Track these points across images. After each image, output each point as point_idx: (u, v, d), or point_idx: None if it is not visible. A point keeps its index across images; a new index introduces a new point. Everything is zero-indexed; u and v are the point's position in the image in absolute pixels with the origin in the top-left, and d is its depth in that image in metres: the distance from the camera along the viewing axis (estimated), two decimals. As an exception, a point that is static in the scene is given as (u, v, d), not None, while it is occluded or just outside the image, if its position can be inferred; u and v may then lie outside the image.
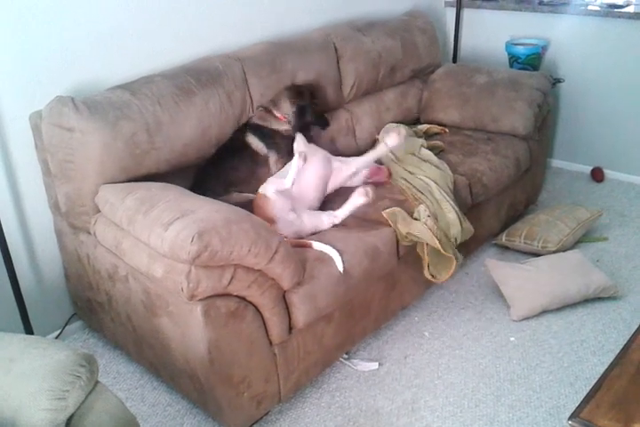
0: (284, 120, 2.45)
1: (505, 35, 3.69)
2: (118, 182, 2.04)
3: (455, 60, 3.95)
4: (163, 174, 2.17)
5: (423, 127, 3.04)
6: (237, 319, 1.80)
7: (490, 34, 3.78)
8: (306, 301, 1.92)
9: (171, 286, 1.75)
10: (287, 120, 2.45)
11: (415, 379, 2.22)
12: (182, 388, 2.05)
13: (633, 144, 3.51)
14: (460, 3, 3.79)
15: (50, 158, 2.07)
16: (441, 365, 2.28)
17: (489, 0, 3.76)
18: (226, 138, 2.38)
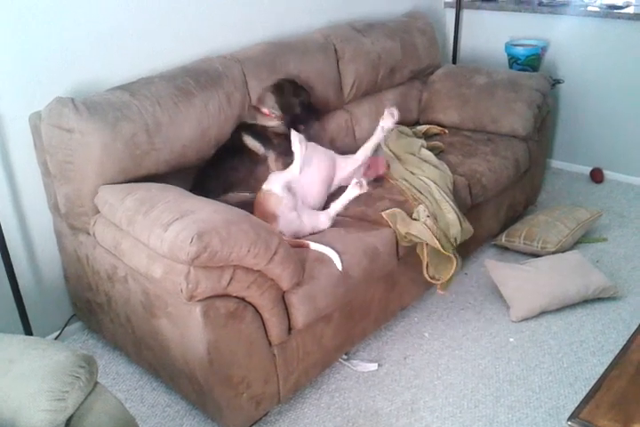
0: (272, 116, 2.44)
1: (504, 36, 3.69)
2: (118, 183, 2.04)
3: (455, 61, 3.95)
4: (162, 175, 2.17)
5: (423, 128, 3.04)
6: (237, 320, 1.80)
7: (489, 35, 3.78)
8: (305, 301, 1.92)
9: (170, 287, 1.75)
10: (275, 116, 2.44)
11: (415, 380, 2.22)
12: (181, 389, 2.05)
13: (632, 145, 3.51)
14: (460, 4, 3.79)
15: (49, 159, 2.07)
16: (440, 365, 2.28)
17: (488, 1, 3.77)
18: (225, 139, 2.38)
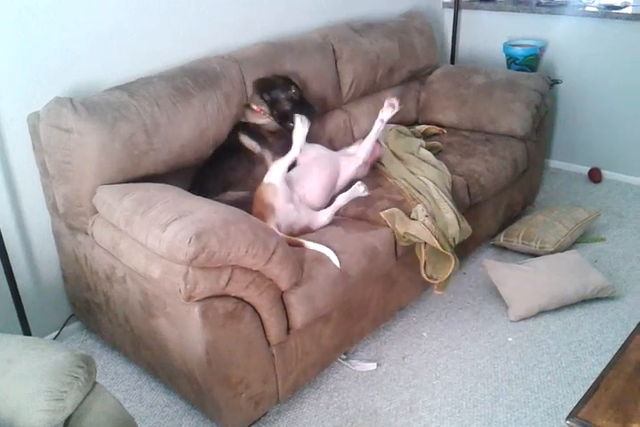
0: (262, 113, 2.44)
1: (503, 36, 3.70)
2: (116, 183, 2.04)
3: (453, 62, 3.95)
4: (161, 175, 2.17)
5: (421, 128, 3.04)
6: (235, 320, 1.80)
7: (488, 35, 3.78)
8: (304, 301, 1.92)
9: (168, 287, 1.75)
10: (264, 113, 2.44)
11: (413, 379, 2.22)
12: (180, 389, 2.05)
13: (631, 145, 3.52)
14: (458, 4, 3.79)
15: (47, 159, 2.07)
16: (439, 365, 2.28)
17: (487, 1, 3.77)
18: (223, 139, 2.38)
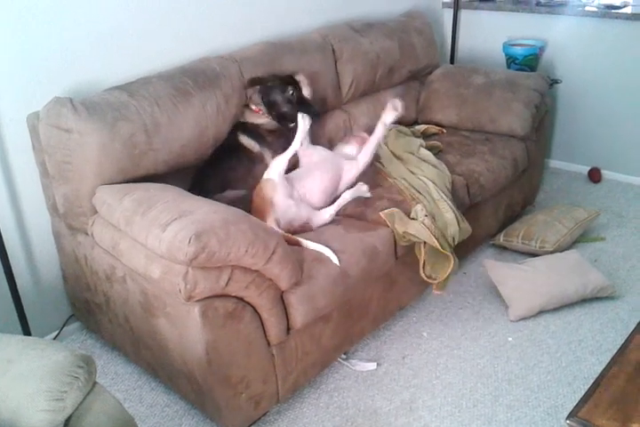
0: (260, 113, 2.44)
1: (502, 36, 3.70)
2: (116, 183, 2.04)
3: (453, 61, 3.95)
4: (161, 175, 2.17)
5: (421, 128, 3.04)
6: (235, 320, 1.80)
7: (487, 35, 3.78)
8: (304, 301, 1.92)
9: (168, 287, 1.75)
10: (263, 113, 2.44)
11: (413, 379, 2.22)
12: (180, 389, 2.05)
13: (630, 145, 3.52)
14: (458, 4, 3.79)
15: (47, 159, 2.07)
16: (439, 365, 2.28)
17: (486, 1, 3.77)
18: (223, 139, 2.38)
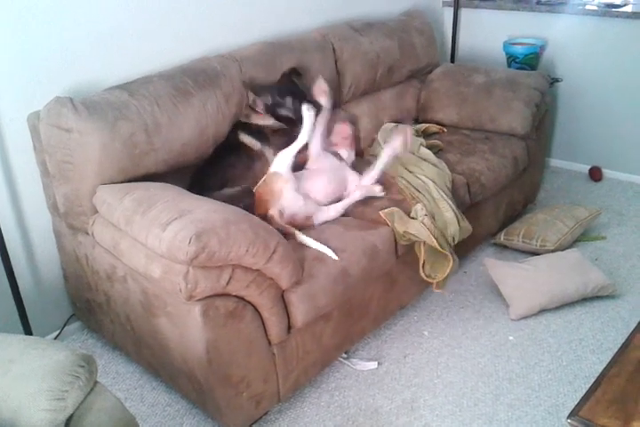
0: (266, 115, 2.44)
1: (503, 34, 3.69)
2: (116, 183, 2.04)
3: (453, 60, 3.95)
4: (161, 175, 2.17)
5: (421, 127, 3.04)
6: (236, 319, 1.80)
7: (487, 33, 3.78)
8: (305, 300, 1.92)
9: (169, 287, 1.75)
10: (269, 115, 2.44)
11: (414, 378, 2.22)
12: (181, 388, 2.05)
13: (631, 143, 3.51)
14: (458, 2, 3.79)
15: (48, 159, 2.07)
16: (440, 364, 2.28)
17: (486, 0, 3.77)
18: (223, 138, 2.37)
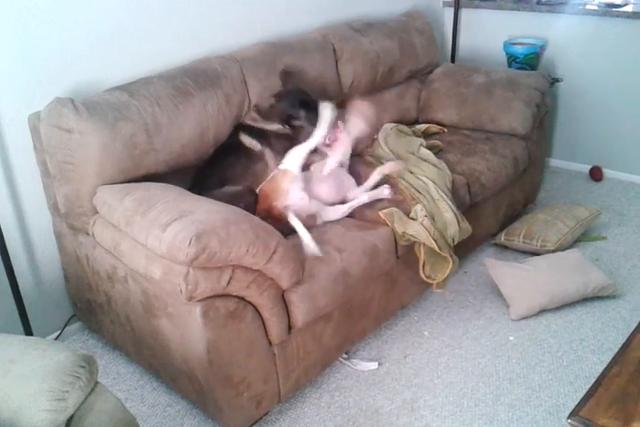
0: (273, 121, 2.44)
1: (503, 34, 3.69)
2: (117, 183, 2.04)
3: (453, 60, 3.95)
4: (161, 175, 2.17)
5: (421, 127, 3.04)
6: (236, 320, 1.80)
7: (488, 34, 3.78)
8: (305, 300, 1.92)
9: (169, 288, 1.75)
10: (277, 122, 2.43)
11: (415, 378, 2.22)
12: (182, 388, 2.05)
13: (631, 143, 3.51)
14: (458, 3, 3.79)
15: (49, 159, 2.07)
16: (440, 364, 2.28)
17: (487, 0, 3.77)
18: (224, 139, 2.38)
